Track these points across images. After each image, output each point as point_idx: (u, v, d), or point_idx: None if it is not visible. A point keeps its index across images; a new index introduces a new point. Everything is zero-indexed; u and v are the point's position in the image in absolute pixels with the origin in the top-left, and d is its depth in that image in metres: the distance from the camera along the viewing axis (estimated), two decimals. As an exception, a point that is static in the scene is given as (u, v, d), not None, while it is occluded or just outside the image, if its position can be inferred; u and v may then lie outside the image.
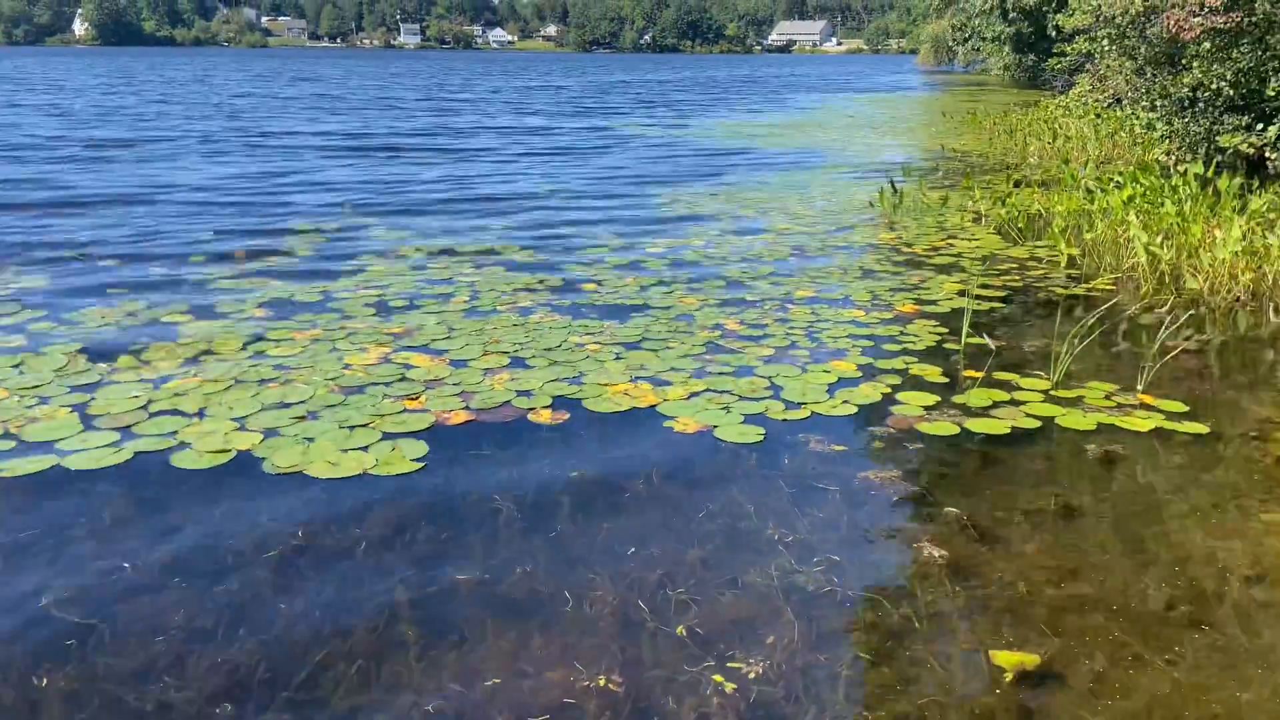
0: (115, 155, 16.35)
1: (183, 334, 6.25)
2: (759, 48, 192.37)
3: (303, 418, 4.86)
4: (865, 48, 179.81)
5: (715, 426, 4.84)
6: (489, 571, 3.54)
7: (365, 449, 4.51)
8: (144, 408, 4.94)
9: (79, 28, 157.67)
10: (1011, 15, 34.19)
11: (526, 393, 5.28)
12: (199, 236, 9.64)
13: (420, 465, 4.37)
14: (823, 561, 3.62)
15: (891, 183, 11.81)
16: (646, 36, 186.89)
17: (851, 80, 59.03)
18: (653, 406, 5.11)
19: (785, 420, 4.94)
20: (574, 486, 4.23)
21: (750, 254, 8.96)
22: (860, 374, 5.64)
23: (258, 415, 4.88)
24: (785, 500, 4.11)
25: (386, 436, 4.65)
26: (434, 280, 7.83)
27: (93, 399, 5.04)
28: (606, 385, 5.40)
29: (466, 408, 5.06)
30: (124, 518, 3.88)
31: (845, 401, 5.19)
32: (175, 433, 4.64)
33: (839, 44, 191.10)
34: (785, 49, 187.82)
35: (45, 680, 2.91)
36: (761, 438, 4.72)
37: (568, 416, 4.98)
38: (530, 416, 4.98)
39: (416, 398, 5.17)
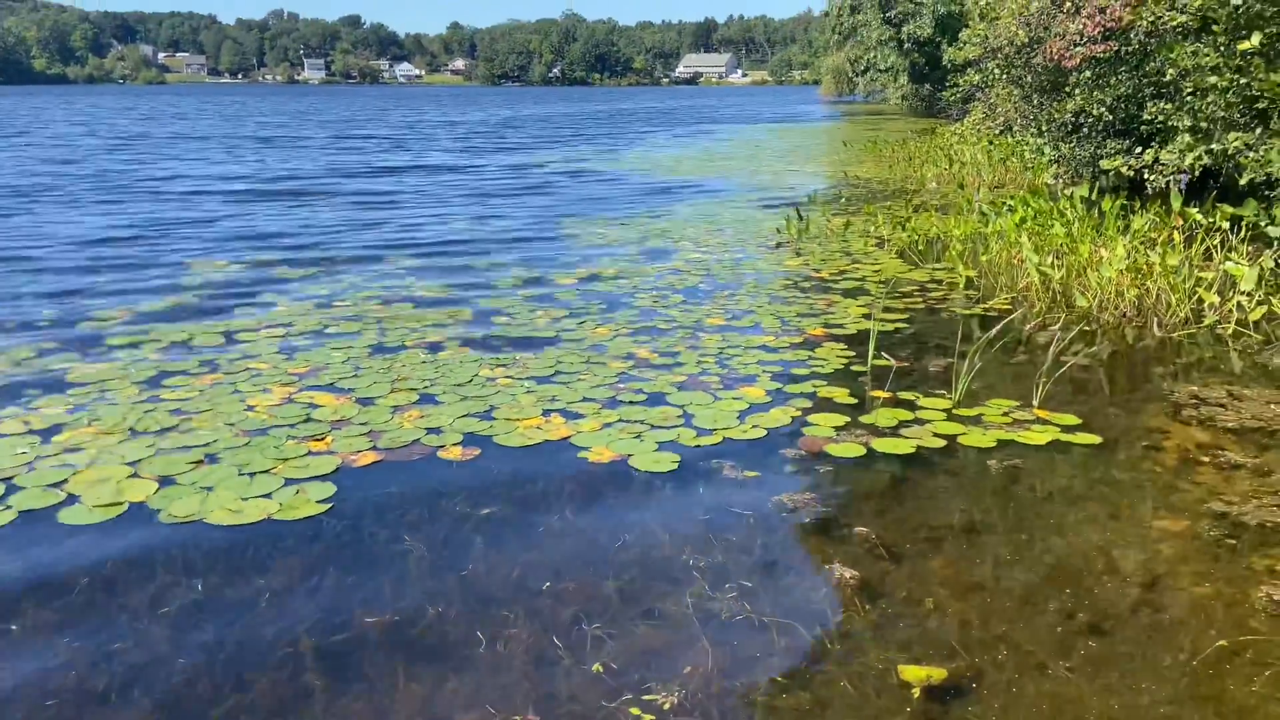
0: None
1: (73, 378, 5.97)
2: (666, 80, 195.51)
3: (201, 462, 4.69)
4: (770, 79, 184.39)
5: (629, 456, 4.84)
6: (399, 614, 3.45)
7: (269, 495, 4.36)
8: (29, 464, 4.70)
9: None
10: (906, 46, 35.48)
11: (436, 430, 5.20)
12: (85, 284, 9.27)
13: (327, 508, 4.25)
14: (736, 588, 3.63)
15: (797, 210, 12.09)
16: (555, 70, 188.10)
17: (757, 111, 60.41)
18: (566, 439, 5.08)
19: (698, 447, 4.97)
20: (486, 523, 4.16)
21: (661, 283, 9.03)
22: (770, 399, 5.72)
23: (152, 461, 4.68)
24: (700, 527, 4.12)
25: (290, 482, 4.52)
26: (340, 318, 7.67)
27: (-28, 454, 4.77)
28: (518, 419, 5.35)
29: (374, 447, 4.95)
30: (11, 577, 3.67)
31: (756, 426, 5.25)
32: (62, 483, 4.42)
33: (744, 75, 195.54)
34: (692, 80, 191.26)
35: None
36: (675, 465, 4.73)
37: (479, 452, 4.92)
38: (440, 454, 4.90)
39: (322, 438, 5.04)
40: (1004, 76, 14.48)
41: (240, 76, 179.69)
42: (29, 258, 10.43)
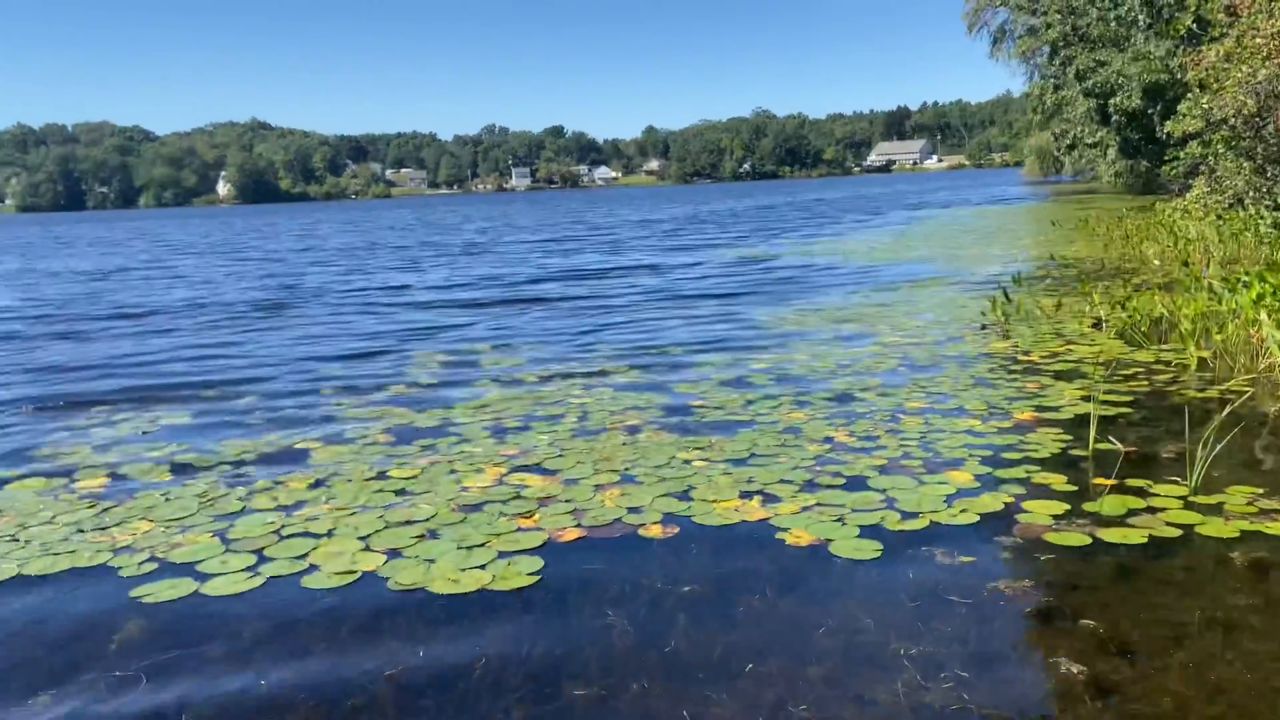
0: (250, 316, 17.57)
1: (313, 461, 6.55)
2: (858, 169, 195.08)
3: (423, 536, 5.00)
4: (967, 163, 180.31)
5: (830, 540, 4.75)
6: (604, 688, 3.51)
7: (483, 567, 4.59)
8: (277, 532, 5.18)
9: (222, 189, 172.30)
10: (1115, 119, 33.77)
11: (636, 509, 5.31)
12: (325, 372, 10.19)
13: (535, 580, 4.42)
14: (951, 678, 3.46)
15: (1004, 291, 11.65)
16: (745, 165, 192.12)
17: (954, 195, 59.05)
18: (764, 520, 5.06)
19: (903, 531, 4.82)
20: (687, 601, 4.19)
21: (858, 367, 8.91)
22: (979, 484, 5.47)
23: (381, 534, 5.04)
24: (908, 614, 3.97)
25: (502, 554, 4.73)
26: (545, 403, 8.04)
27: (232, 527, 5.31)
28: (715, 500, 5.39)
29: (578, 524, 5.11)
30: (260, 633, 4.03)
31: (965, 511, 5.03)
32: (305, 555, 4.83)
33: (940, 161, 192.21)
34: (885, 169, 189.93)
35: (182, 794, 3.00)
36: (879, 551, 4.60)
37: (678, 531, 4.98)
38: (640, 532, 4.99)
39: (530, 515, 5.26)
40: (1229, 151, 13.54)
41: (455, 187, 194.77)
42: (268, 358, 11.61)
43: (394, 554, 4.81)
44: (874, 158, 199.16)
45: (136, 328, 14.55)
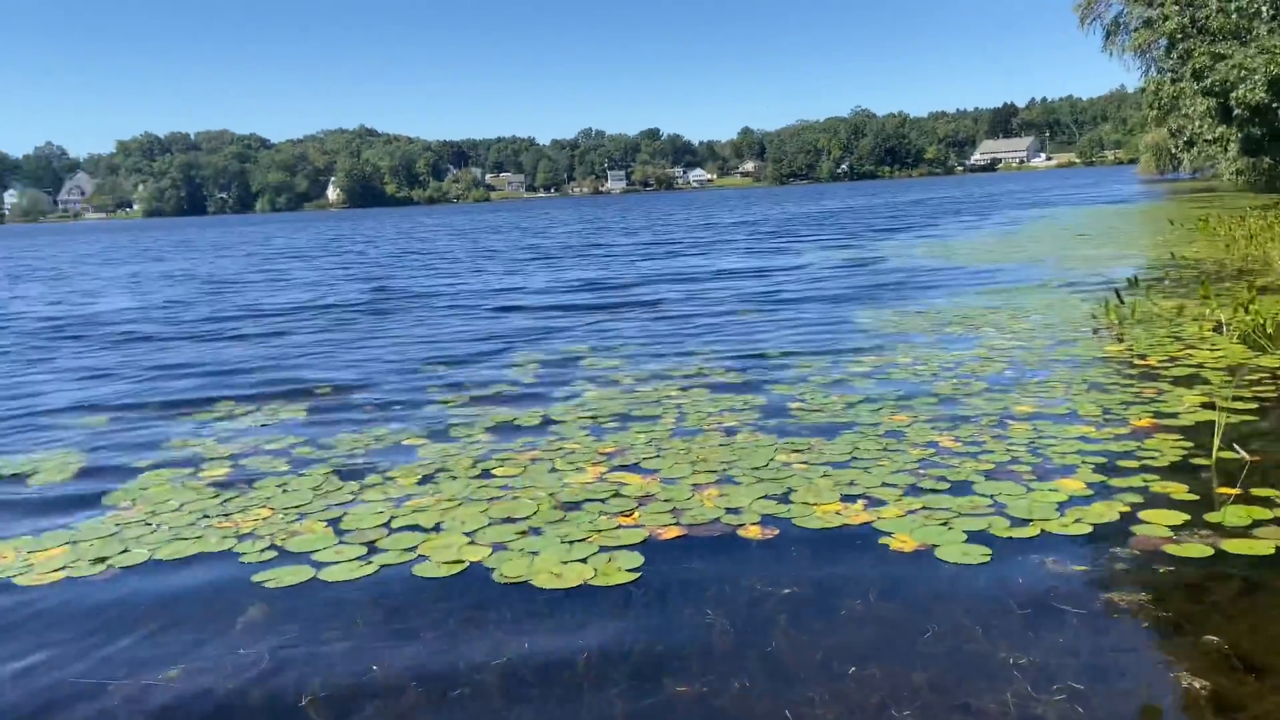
0: (353, 318, 18.20)
1: (420, 456, 6.76)
2: (961, 168, 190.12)
3: (526, 532, 5.11)
4: (1077, 161, 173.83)
5: (935, 545, 4.66)
6: (706, 685, 3.53)
7: (584, 561, 4.66)
8: (386, 524, 5.36)
9: (332, 193, 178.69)
10: (1236, 114, 32.03)
11: (735, 509, 5.31)
12: (429, 372, 10.48)
13: (636, 577, 4.47)
14: (1064, 689, 3.36)
15: (1118, 293, 11.21)
16: (843, 166, 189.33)
17: (1064, 193, 57.02)
18: (866, 524, 5.00)
19: (1011, 538, 4.69)
20: (787, 603, 4.17)
21: (962, 370, 8.70)
22: (1092, 492, 5.29)
23: (486, 530, 5.17)
24: (1017, 622, 3.87)
25: (604, 549, 4.80)
26: (642, 403, 8.10)
27: (345, 515, 5.52)
28: (816, 503, 5.34)
29: (677, 523, 5.14)
30: (374, 621, 4.19)
31: (1078, 520, 4.87)
32: (415, 546, 4.99)
33: (1048, 159, 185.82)
34: (990, 168, 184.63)
35: (302, 770, 3.15)
36: (987, 557, 4.50)
37: (777, 533, 4.96)
38: (739, 532, 4.99)
39: (630, 514, 5.31)
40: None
41: (552, 190, 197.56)
42: (375, 358, 12.00)
43: (499, 546, 4.93)
44: (978, 156, 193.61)
45: (252, 329, 15.23)
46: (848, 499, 5.38)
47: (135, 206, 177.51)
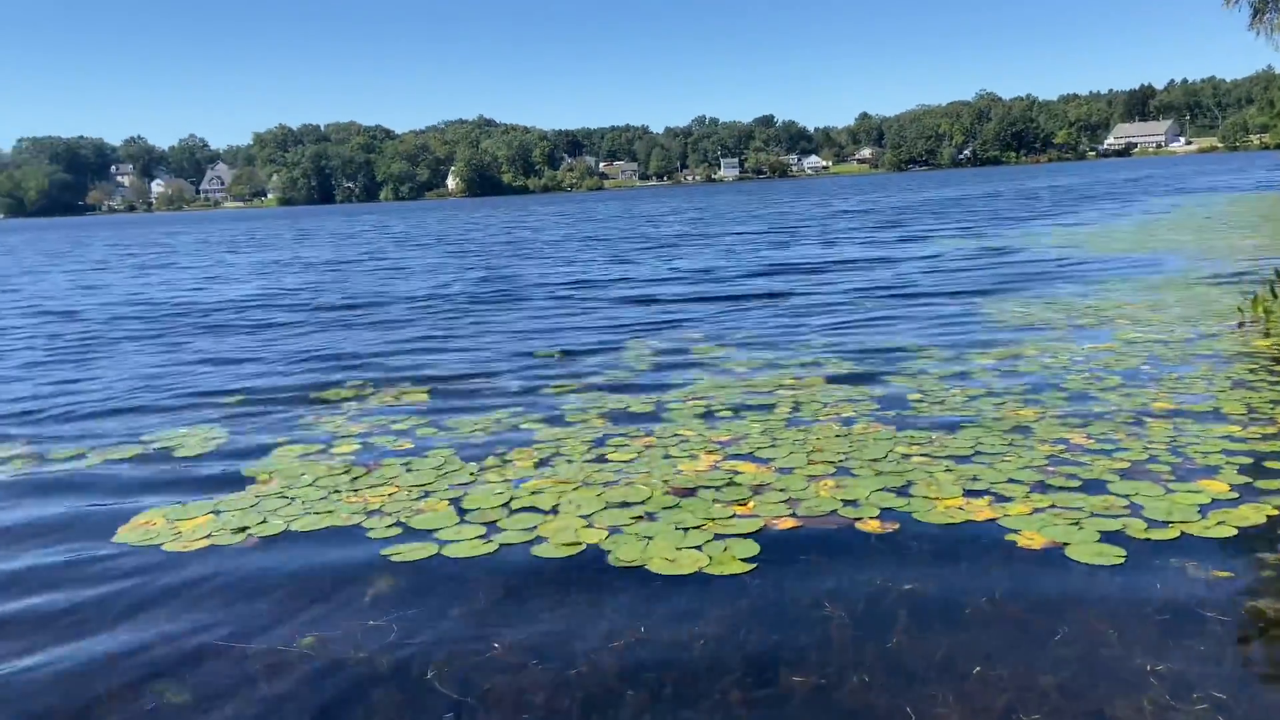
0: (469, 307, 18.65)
1: (536, 440, 6.89)
2: (1093, 153, 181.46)
3: (641, 517, 5.15)
4: (1220, 145, 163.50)
5: (1066, 544, 4.48)
6: (824, 677, 3.49)
7: (699, 548, 4.67)
8: (506, 505, 5.49)
9: (451, 183, 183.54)
10: None
11: (853, 502, 5.22)
12: (544, 359, 10.66)
13: (751, 567, 4.45)
14: (1205, 699, 3.19)
15: (1271, 286, 10.50)
16: (966, 151, 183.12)
17: (1205, 180, 53.78)
18: (991, 520, 4.85)
19: (1148, 540, 4.47)
20: (908, 599, 4.08)
21: (1094, 364, 8.32)
22: (1237, 494, 4.99)
23: (601, 513, 5.24)
24: (1154, 628, 3.69)
25: (719, 537, 4.80)
26: (756, 392, 8.04)
27: (467, 496, 5.68)
28: (937, 498, 5.21)
29: (793, 514, 5.09)
30: (492, 597, 4.30)
31: (1222, 523, 4.60)
32: (533, 527, 5.10)
33: (1188, 143, 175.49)
34: (1124, 152, 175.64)
35: (428, 738, 3.26)
36: (1122, 558, 4.30)
37: (898, 527, 4.85)
38: (857, 525, 4.91)
39: (745, 503, 5.29)
40: None
41: (665, 179, 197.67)
42: (492, 345, 12.28)
43: (615, 530, 4.99)
44: (1111, 140, 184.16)
45: (377, 316, 15.81)
46: (971, 494, 5.22)
47: (270, 195, 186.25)
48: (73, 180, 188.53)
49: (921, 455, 5.98)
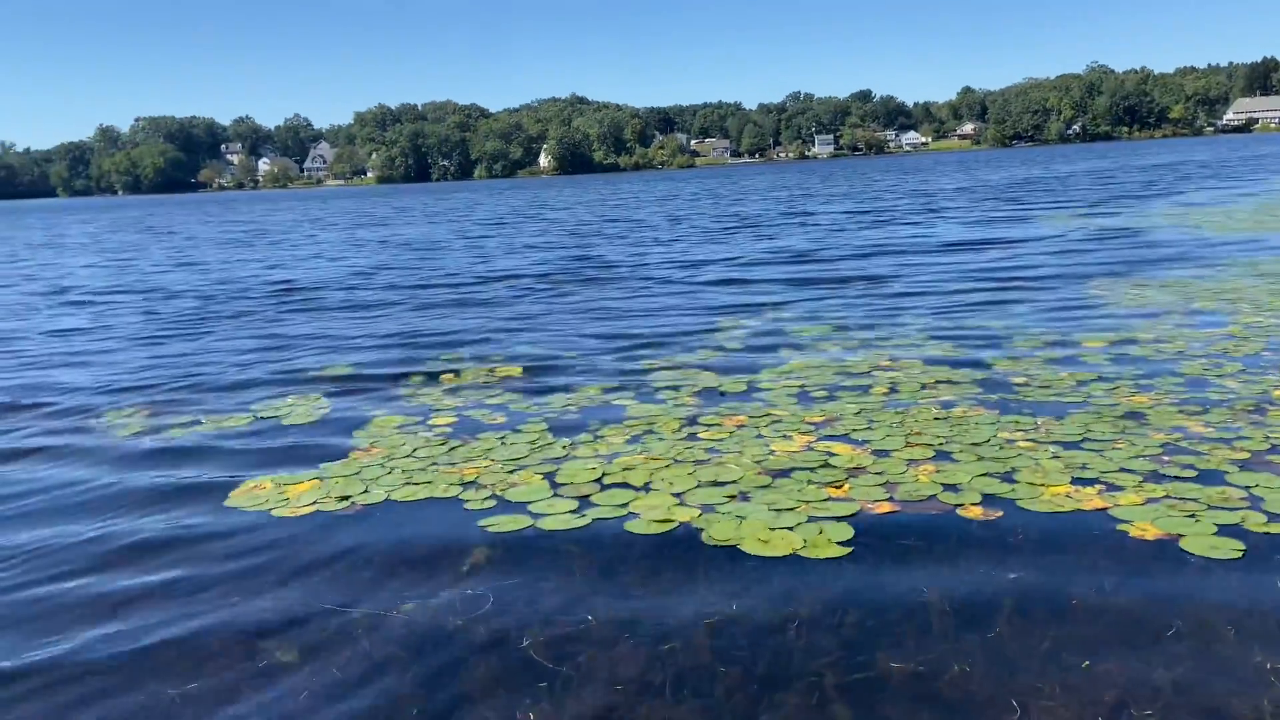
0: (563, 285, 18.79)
1: (628, 416, 6.91)
2: (1211, 129, 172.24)
3: (734, 496, 5.12)
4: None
5: (1180, 536, 4.28)
6: (922, 664, 3.42)
7: (792, 529, 4.62)
8: (599, 480, 5.53)
9: (543, 160, 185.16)
10: None
11: (953, 487, 5.09)
12: (635, 335, 10.68)
13: (848, 551, 4.38)
14: (1335, 705, 3.01)
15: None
16: (1074, 126, 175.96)
17: (1337, 155, 50.45)
18: (1101, 510, 4.66)
19: (1270, 534, 4.24)
20: (1012, 588, 3.96)
21: (1212, 349, 7.91)
22: (1374, 490, 4.68)
23: (694, 491, 5.23)
24: (1275, 625, 3.50)
25: (813, 519, 4.74)
26: (852, 373, 7.90)
27: (560, 470, 5.74)
28: (1043, 485, 5.03)
29: (890, 498, 4.99)
30: (587, 574, 4.34)
31: (1355, 520, 4.33)
32: (626, 503, 5.13)
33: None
34: (1244, 128, 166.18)
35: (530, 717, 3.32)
36: (1240, 552, 4.09)
37: (1001, 515, 4.71)
38: (959, 512, 4.78)
39: (840, 485, 5.21)
40: None
41: (757, 156, 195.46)
42: (582, 323, 12.35)
43: (707, 508, 4.97)
44: (1231, 116, 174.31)
45: (472, 295, 16.09)
46: (1080, 482, 5.04)
47: (369, 174, 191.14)
48: (185, 159, 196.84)
49: (1026, 441, 5.79)
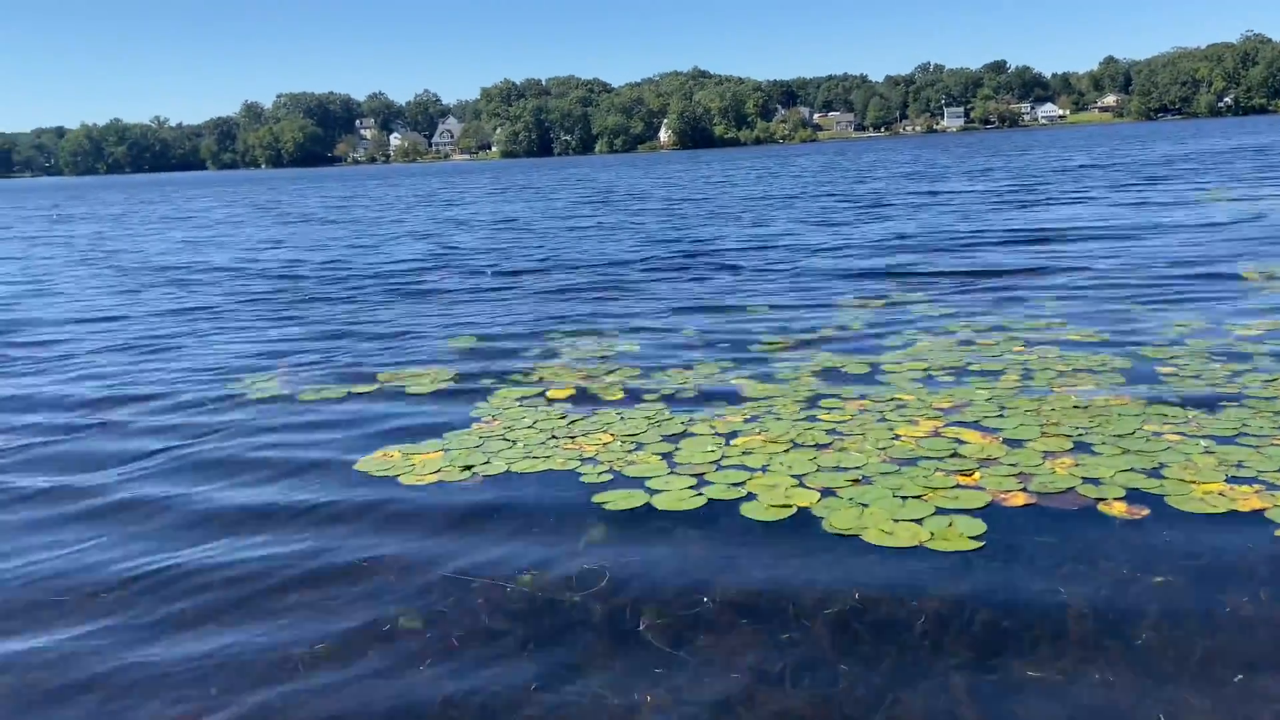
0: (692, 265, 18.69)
1: (746, 396, 6.80)
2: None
3: (857, 481, 4.97)
4: None
5: (1353, 546, 3.92)
6: (1059, 672, 3.23)
7: (919, 521, 4.45)
8: (716, 462, 5.45)
9: (664, 135, 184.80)
10: None
11: (1094, 480, 4.80)
12: (754, 313, 10.52)
13: (978, 545, 4.18)
14: None
15: None
16: (1226, 99, 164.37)
17: None
18: (1258, 511, 4.32)
19: None
20: (1159, 593, 3.70)
21: (1391, 341, 7.23)
22: None
23: (815, 475, 5.10)
24: None
25: (940, 511, 4.55)
26: (982, 357, 7.56)
27: (677, 449, 5.69)
28: (1195, 482, 4.69)
29: (1024, 490, 4.75)
30: (704, 555, 4.29)
31: None
32: (743, 484, 5.04)
33: None
34: None
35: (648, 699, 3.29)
36: None
37: (1147, 513, 4.41)
38: (1100, 507, 4.50)
39: (970, 474, 4.99)
40: None
41: (882, 130, 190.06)
42: (696, 302, 12.23)
43: (827, 493, 4.84)
44: None
45: (589, 277, 16.19)
46: (1235, 480, 4.68)
47: (494, 148, 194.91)
48: (322, 134, 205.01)
49: (1175, 434, 5.41)
